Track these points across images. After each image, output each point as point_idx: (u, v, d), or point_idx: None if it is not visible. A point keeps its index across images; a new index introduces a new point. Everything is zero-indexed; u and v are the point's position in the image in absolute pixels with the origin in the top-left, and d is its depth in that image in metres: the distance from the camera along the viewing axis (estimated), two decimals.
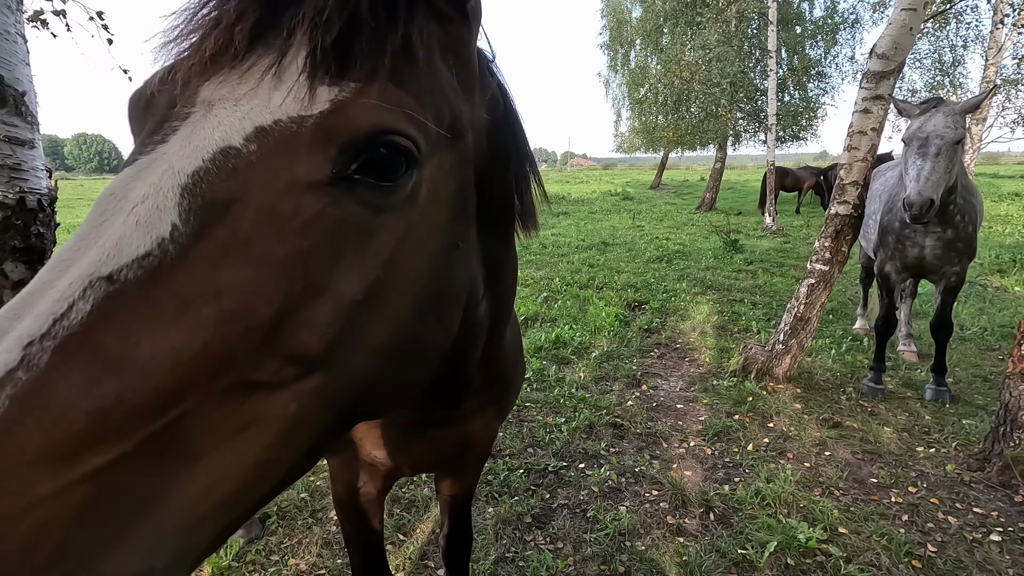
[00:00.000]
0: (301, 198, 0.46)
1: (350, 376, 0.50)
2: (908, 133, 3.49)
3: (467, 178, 0.63)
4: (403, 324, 0.54)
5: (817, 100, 17.86)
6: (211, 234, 0.42)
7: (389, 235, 0.50)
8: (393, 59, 0.49)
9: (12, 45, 0.82)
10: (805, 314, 4.16)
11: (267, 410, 0.44)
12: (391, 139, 0.48)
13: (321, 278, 0.46)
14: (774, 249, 10.21)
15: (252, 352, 0.42)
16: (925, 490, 2.95)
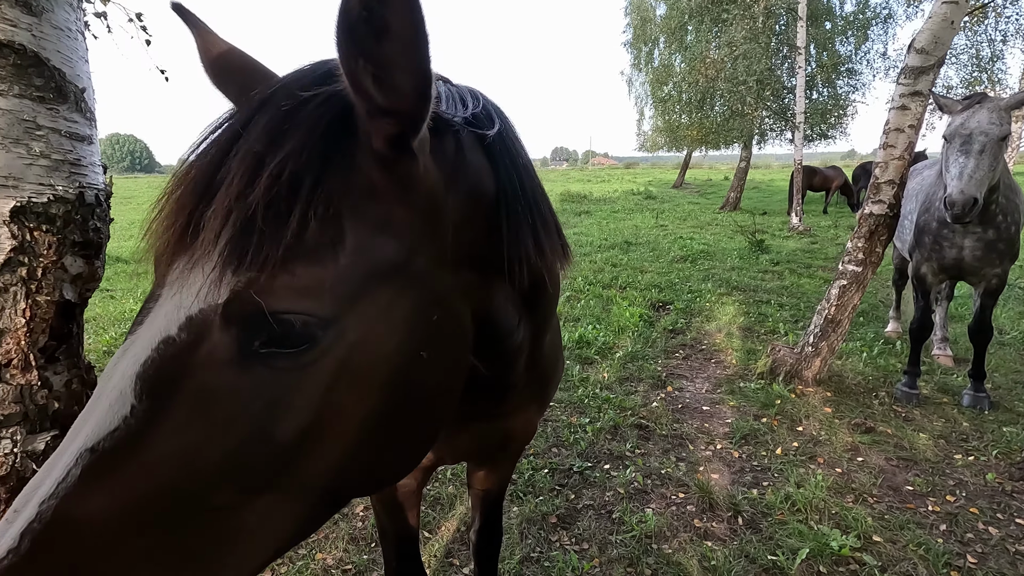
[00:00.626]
0: (220, 373, 0.56)
1: (315, 489, 0.60)
2: (950, 130, 3.38)
3: (427, 296, 0.66)
4: (362, 438, 0.62)
5: (847, 97, 17.44)
6: (159, 407, 0.54)
7: (315, 384, 0.58)
8: (287, 247, 0.56)
9: (74, 42, 0.84)
10: (836, 316, 4.06)
11: (227, 528, 0.56)
12: (282, 318, 0.56)
13: (255, 429, 0.56)
14: (801, 250, 10.00)
15: (204, 489, 0.54)
16: (964, 499, 2.86)
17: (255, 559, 0.59)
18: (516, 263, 0.79)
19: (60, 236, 0.86)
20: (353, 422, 0.61)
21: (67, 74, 0.82)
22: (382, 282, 0.61)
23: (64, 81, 0.82)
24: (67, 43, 0.81)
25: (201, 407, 0.55)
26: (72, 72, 0.83)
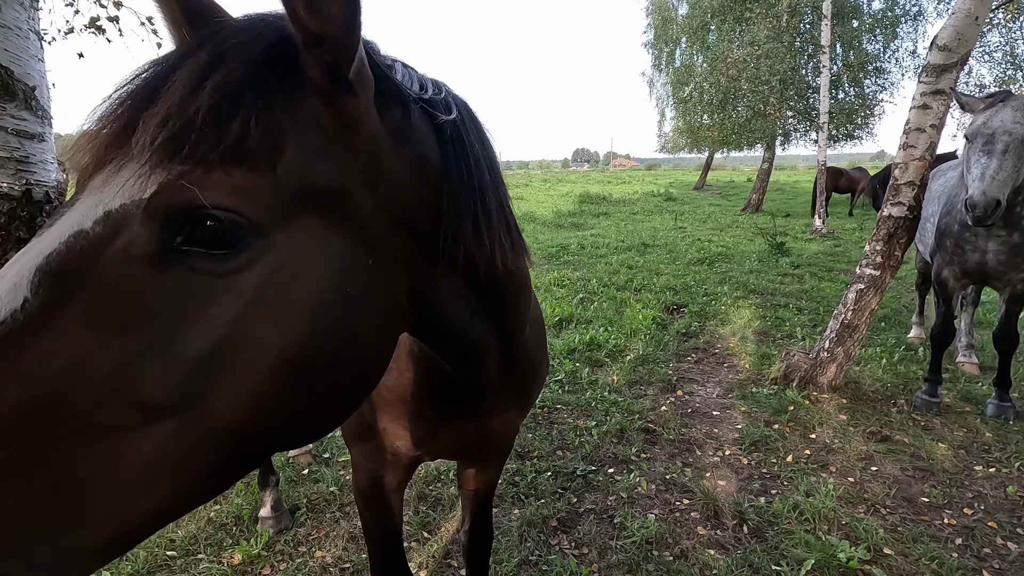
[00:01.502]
0: (133, 269, 0.53)
1: (219, 423, 0.55)
2: (972, 129, 3.26)
3: (363, 238, 0.66)
4: (278, 375, 0.58)
5: (874, 97, 17.01)
6: (55, 303, 0.51)
7: (235, 297, 0.55)
8: (224, 150, 0.55)
9: (24, 41, 0.85)
10: (853, 321, 3.95)
11: (119, 449, 0.51)
12: (210, 213, 0.54)
13: (161, 339, 0.52)
14: (823, 252, 9.78)
15: (93, 401, 0.50)
16: (982, 512, 2.75)
17: (144, 503, 0.53)
18: (452, 247, 0.79)
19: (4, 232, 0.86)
20: (269, 352, 0.57)
21: (15, 72, 0.83)
22: (317, 208, 0.61)
23: (12, 79, 0.83)
24: (16, 42, 0.82)
25: (104, 306, 0.51)
26: (21, 70, 0.84)
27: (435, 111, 0.78)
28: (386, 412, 1.30)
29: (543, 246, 10.19)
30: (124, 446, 0.51)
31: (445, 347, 0.98)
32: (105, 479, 0.50)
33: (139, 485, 0.52)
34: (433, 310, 0.85)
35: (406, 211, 0.73)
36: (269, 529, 2.61)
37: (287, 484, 3.01)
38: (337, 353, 0.64)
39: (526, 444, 3.40)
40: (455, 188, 0.79)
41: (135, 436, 0.51)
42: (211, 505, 2.82)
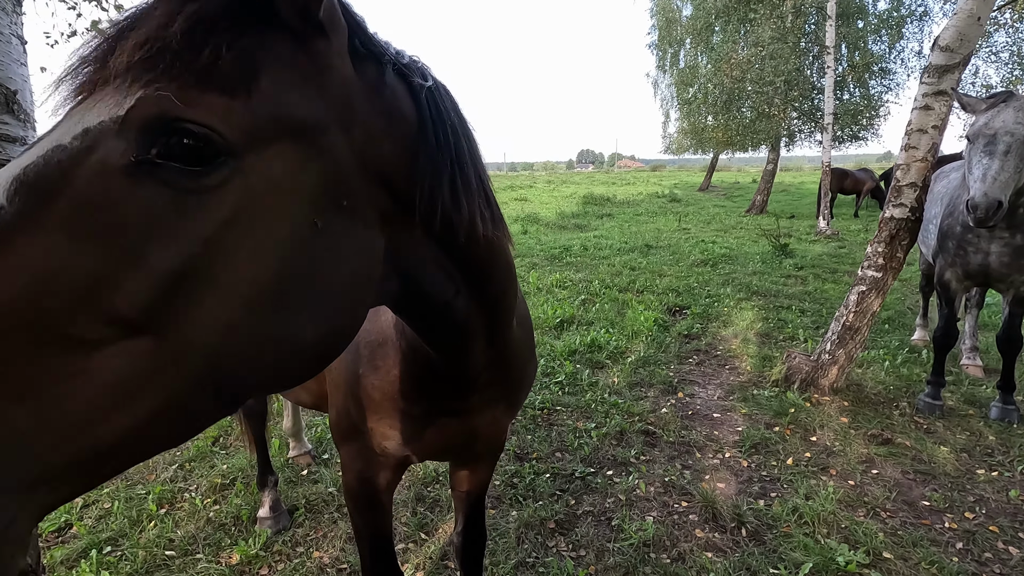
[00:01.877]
0: (108, 180, 0.53)
1: (190, 347, 0.56)
2: (973, 130, 3.24)
3: (337, 176, 0.68)
4: (249, 303, 0.59)
5: (880, 98, 16.93)
6: (30, 212, 0.51)
7: (207, 215, 0.56)
8: (200, 70, 0.57)
9: (6, 46, 0.86)
10: (854, 323, 3.93)
11: (91, 363, 0.51)
12: (183, 126, 0.56)
13: (134, 251, 0.53)
14: (827, 254, 9.73)
15: (66, 311, 0.50)
16: (984, 516, 2.73)
17: (113, 425, 0.52)
18: (429, 204, 0.81)
19: None
20: (241, 276, 0.58)
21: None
22: (292, 139, 0.63)
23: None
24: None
25: (79, 216, 0.52)
26: (3, 74, 0.85)
27: (410, 75, 0.81)
28: (374, 411, 1.30)
29: (546, 247, 10.19)
30: (95, 361, 0.51)
31: (430, 326, 1.00)
32: (74, 394, 0.50)
33: (108, 404, 0.52)
34: (414, 278, 0.86)
35: (381, 162, 0.75)
36: (267, 529, 2.62)
37: (286, 485, 3.02)
38: (309, 288, 0.65)
39: (525, 446, 3.40)
40: (431, 149, 0.81)
41: (107, 351, 0.51)
42: (210, 505, 2.84)
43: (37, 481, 0.49)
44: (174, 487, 2.99)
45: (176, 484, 3.02)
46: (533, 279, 7.55)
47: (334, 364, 1.40)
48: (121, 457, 0.56)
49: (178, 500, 2.90)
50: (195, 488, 2.99)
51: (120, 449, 0.54)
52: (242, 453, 3.25)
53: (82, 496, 2.87)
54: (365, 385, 1.29)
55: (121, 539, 2.59)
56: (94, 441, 0.52)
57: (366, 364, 1.28)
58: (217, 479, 3.03)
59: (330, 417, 1.49)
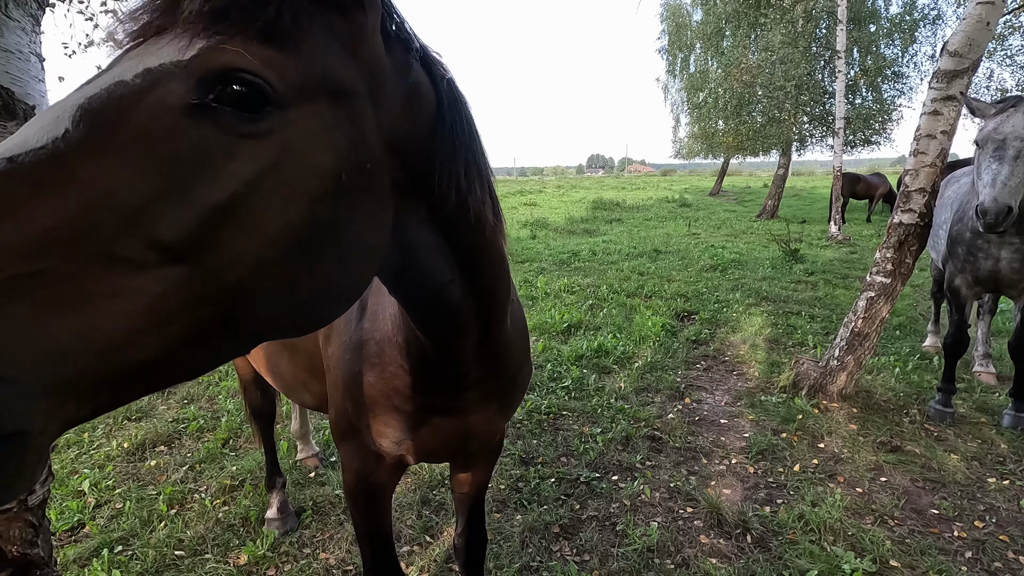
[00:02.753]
0: (167, 116, 0.58)
1: (221, 279, 0.60)
2: (982, 135, 3.22)
3: (363, 140, 0.74)
4: (277, 244, 0.64)
5: (892, 102, 16.79)
6: (93, 137, 0.55)
7: (252, 159, 0.61)
8: (262, 25, 0.62)
9: (25, 64, 0.91)
10: (863, 329, 3.90)
11: (132, 283, 0.55)
12: (240, 76, 0.60)
13: (182, 183, 0.57)
14: (838, 260, 9.65)
15: (116, 230, 0.54)
16: (994, 526, 2.69)
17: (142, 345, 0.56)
18: (447, 185, 0.87)
19: None
20: (274, 218, 0.63)
21: (16, 93, 0.89)
22: (329, 99, 0.69)
23: (13, 99, 0.89)
24: (17, 64, 0.88)
25: (136, 146, 0.56)
26: (22, 91, 0.90)
27: (433, 66, 0.88)
28: (370, 409, 1.33)
29: (554, 252, 10.21)
30: (136, 282, 0.55)
31: (423, 309, 1.05)
32: (114, 311, 0.53)
33: (143, 324, 0.55)
34: (414, 255, 0.91)
35: (400, 137, 0.81)
36: (275, 530, 2.65)
37: (293, 487, 3.06)
38: (329, 240, 0.70)
39: (530, 450, 3.41)
40: (448, 135, 0.87)
41: (147, 274, 0.55)
42: (219, 506, 2.88)
43: (70, 391, 0.52)
44: (184, 488, 3.04)
45: (186, 485, 3.07)
46: (541, 284, 7.56)
47: (334, 364, 1.43)
48: (145, 378, 0.59)
49: (188, 501, 2.94)
50: (205, 489, 3.04)
51: (145, 371, 0.58)
52: (251, 455, 3.30)
53: (94, 496, 2.93)
54: (363, 383, 1.32)
55: (132, 539, 2.63)
56: (125, 358, 0.55)
57: (365, 362, 1.32)
58: (226, 480, 3.08)
59: (329, 417, 1.52)
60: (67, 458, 3.32)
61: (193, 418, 3.80)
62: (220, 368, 4.65)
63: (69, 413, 0.54)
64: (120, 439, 3.53)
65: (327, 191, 0.68)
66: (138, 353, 0.56)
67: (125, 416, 3.85)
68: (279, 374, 1.94)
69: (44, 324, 0.50)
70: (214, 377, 4.53)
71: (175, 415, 3.88)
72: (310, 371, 1.66)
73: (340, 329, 1.42)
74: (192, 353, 0.62)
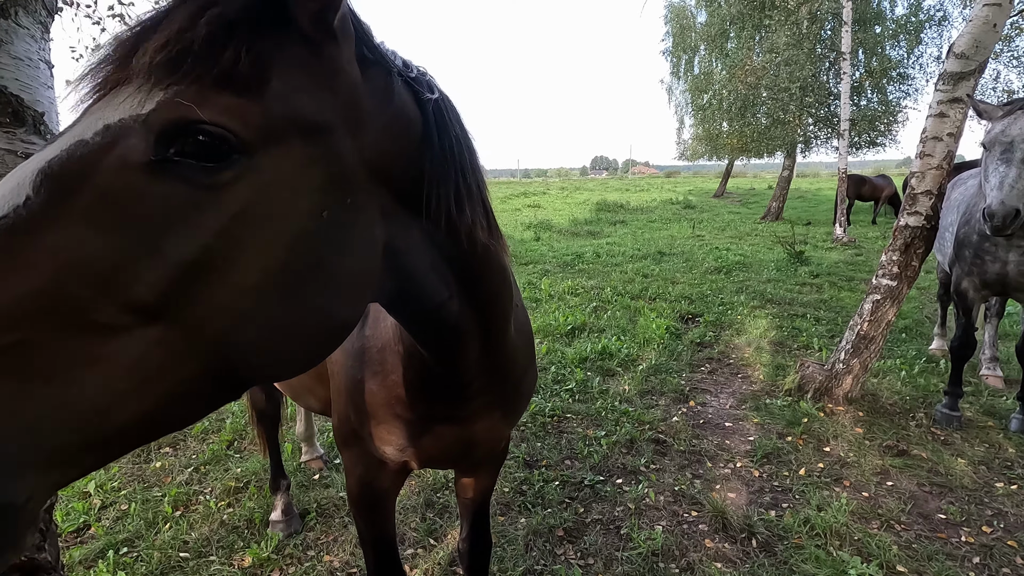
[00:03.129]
0: (129, 175, 0.57)
1: (202, 333, 0.59)
2: (989, 137, 3.20)
3: (343, 174, 0.71)
4: (258, 292, 0.62)
5: (898, 104, 16.71)
6: (55, 202, 0.54)
7: (221, 209, 0.60)
8: (219, 73, 0.60)
9: (34, 71, 0.92)
10: (869, 332, 3.88)
11: (110, 348, 0.54)
12: (200, 127, 0.59)
13: (152, 241, 0.56)
14: (844, 262, 9.61)
15: (88, 296, 0.53)
16: (1002, 531, 2.67)
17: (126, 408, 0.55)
18: (436, 205, 0.85)
19: None
20: (251, 266, 0.61)
21: (25, 100, 0.90)
22: (301, 139, 0.67)
23: (22, 106, 0.89)
24: (27, 72, 0.89)
25: (101, 207, 0.55)
26: (31, 98, 0.91)
27: (418, 87, 0.85)
28: (372, 416, 1.33)
29: (558, 254, 10.20)
30: (114, 346, 0.54)
31: (423, 328, 1.03)
32: (93, 377, 0.53)
33: (125, 387, 0.55)
34: (410, 278, 0.88)
35: (385, 164, 0.79)
36: (279, 533, 2.66)
37: (298, 489, 3.06)
38: (315, 279, 0.68)
39: (535, 453, 3.41)
40: (437, 157, 0.85)
41: (125, 337, 0.55)
42: (224, 508, 2.89)
43: (54, 459, 0.52)
44: (189, 490, 3.04)
45: (191, 487, 3.08)
46: (545, 286, 7.56)
47: (337, 370, 1.43)
48: (132, 437, 0.58)
49: (193, 503, 2.95)
50: (209, 491, 3.04)
51: (132, 430, 0.57)
52: (256, 457, 3.30)
53: (100, 497, 2.94)
54: (365, 390, 1.32)
55: (137, 540, 2.64)
56: (109, 423, 0.55)
57: (367, 370, 1.31)
58: (231, 482, 3.08)
59: (333, 423, 1.52)
60: None
61: None
62: None
63: (56, 479, 0.54)
64: None
65: (306, 231, 0.66)
66: (123, 415, 0.55)
67: None
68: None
69: (22, 396, 0.49)
70: None
71: None
72: (316, 376, 1.67)
73: None
74: (181, 408, 0.61)
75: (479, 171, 0.96)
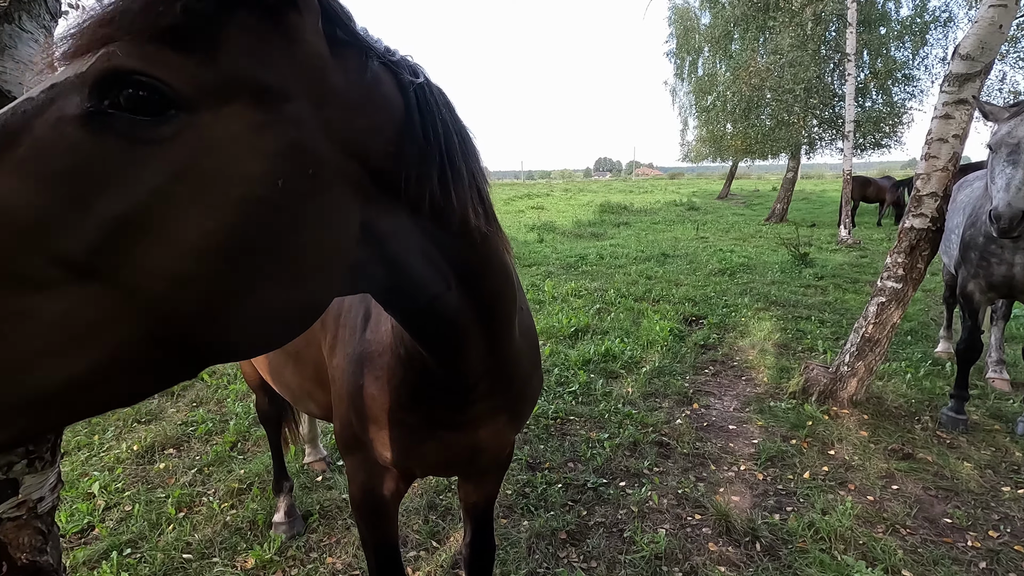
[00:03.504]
0: (64, 128, 0.57)
1: (139, 296, 0.58)
2: (995, 139, 3.18)
3: (303, 143, 0.69)
4: (201, 258, 0.60)
5: (903, 105, 16.65)
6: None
7: (157, 166, 0.59)
8: (158, 29, 0.60)
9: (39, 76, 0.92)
10: (874, 335, 3.86)
11: (34, 302, 0.53)
12: (131, 78, 0.58)
13: (84, 195, 0.56)
14: (848, 264, 9.57)
15: (14, 247, 0.53)
16: (1009, 535, 2.65)
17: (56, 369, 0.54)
18: (416, 189, 0.83)
19: None
20: (191, 230, 0.60)
21: None
22: (253, 101, 0.65)
23: None
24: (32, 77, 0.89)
25: (35, 160, 0.55)
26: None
27: (399, 70, 0.83)
28: (373, 422, 1.32)
29: (562, 256, 10.20)
30: (40, 302, 0.53)
31: (421, 324, 1.01)
32: (17, 332, 0.52)
33: (53, 347, 0.54)
34: (401, 267, 0.86)
35: (359, 142, 0.77)
36: (282, 534, 2.66)
37: (301, 490, 3.06)
38: (268, 252, 0.65)
39: (537, 455, 3.40)
40: (419, 140, 0.83)
41: (52, 293, 0.54)
42: (227, 509, 2.89)
43: None
44: (193, 491, 3.05)
45: (195, 488, 3.09)
46: (548, 288, 7.55)
47: (338, 375, 1.41)
48: (69, 405, 0.57)
49: (196, 504, 2.96)
50: (213, 492, 3.05)
51: (66, 396, 0.56)
52: (259, 458, 3.31)
53: (104, 498, 2.95)
54: (366, 396, 1.30)
55: (141, 541, 2.65)
56: (38, 384, 0.53)
57: (368, 374, 1.30)
58: (234, 484, 3.09)
59: (335, 428, 1.50)
60: (77, 460, 3.35)
61: (202, 421, 3.82)
62: (229, 371, 4.68)
63: None
64: (130, 441, 3.56)
65: (256, 198, 0.64)
66: (52, 377, 0.54)
67: (135, 419, 3.88)
68: (285, 383, 1.92)
69: None
70: (223, 380, 4.56)
71: (184, 418, 3.90)
72: (316, 381, 1.65)
73: (345, 340, 1.39)
74: (124, 377, 0.59)
75: (473, 158, 0.93)
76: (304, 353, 1.66)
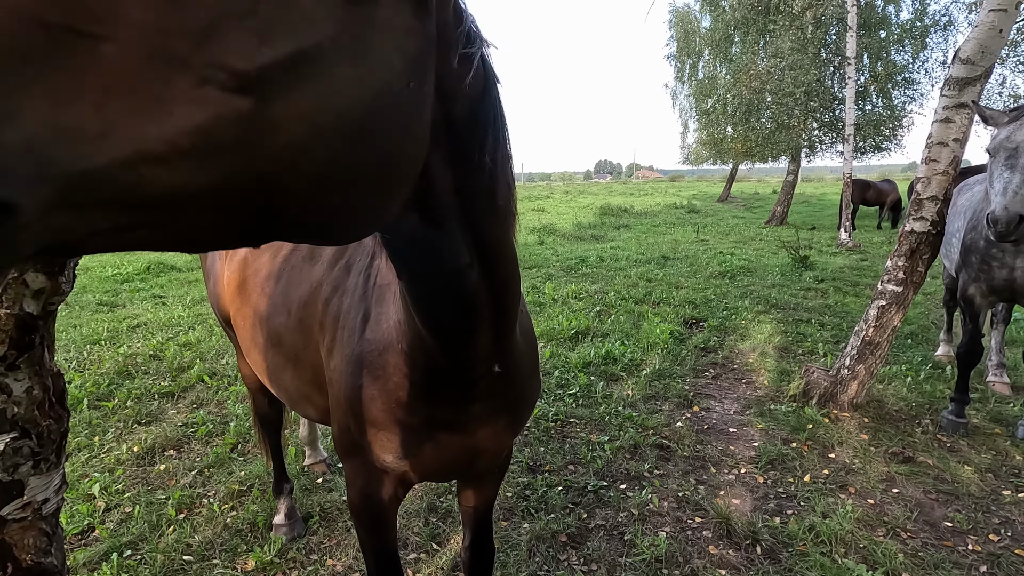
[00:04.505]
0: None
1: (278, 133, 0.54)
2: (994, 143, 3.19)
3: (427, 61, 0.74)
4: (340, 118, 0.60)
5: (903, 108, 16.67)
6: None
7: (345, 19, 0.58)
8: None
9: None
10: (874, 338, 3.86)
11: (185, 92, 0.48)
12: None
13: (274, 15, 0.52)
14: (849, 267, 9.58)
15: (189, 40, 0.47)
16: (1009, 539, 2.65)
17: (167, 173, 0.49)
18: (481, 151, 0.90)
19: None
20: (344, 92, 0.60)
21: None
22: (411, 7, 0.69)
23: None
24: None
25: None
26: None
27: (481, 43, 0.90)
28: (372, 424, 1.31)
29: (562, 258, 10.20)
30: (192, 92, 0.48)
31: (438, 298, 1.03)
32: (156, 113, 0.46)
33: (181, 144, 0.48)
34: (430, 229, 0.91)
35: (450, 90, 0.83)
36: (282, 536, 2.66)
37: (301, 492, 3.06)
38: (380, 141, 0.67)
39: (538, 458, 3.40)
40: (492, 110, 0.91)
41: (207, 90, 0.49)
42: (227, 511, 2.89)
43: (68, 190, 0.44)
44: (193, 492, 3.05)
45: (195, 490, 3.09)
46: (549, 290, 7.55)
47: (336, 378, 1.40)
48: (148, 219, 0.52)
49: (196, 506, 2.96)
50: (213, 494, 3.05)
51: (155, 207, 0.51)
52: (259, 460, 3.31)
53: (105, 500, 2.95)
54: (364, 397, 1.30)
55: (141, 543, 2.65)
56: (142, 179, 0.48)
57: (367, 375, 1.29)
58: (235, 486, 3.09)
59: (333, 432, 1.50)
60: (78, 461, 3.35)
61: (202, 422, 3.82)
62: (228, 373, 4.68)
63: (60, 221, 0.46)
64: (130, 443, 3.56)
65: (392, 91, 0.66)
66: (159, 179, 0.48)
67: (135, 420, 3.89)
68: (283, 387, 1.89)
69: (69, 98, 0.42)
70: (223, 382, 4.56)
71: (184, 419, 3.90)
72: (314, 384, 1.64)
73: (343, 342, 1.39)
74: (209, 214, 0.55)
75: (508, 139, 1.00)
76: (303, 356, 1.65)
